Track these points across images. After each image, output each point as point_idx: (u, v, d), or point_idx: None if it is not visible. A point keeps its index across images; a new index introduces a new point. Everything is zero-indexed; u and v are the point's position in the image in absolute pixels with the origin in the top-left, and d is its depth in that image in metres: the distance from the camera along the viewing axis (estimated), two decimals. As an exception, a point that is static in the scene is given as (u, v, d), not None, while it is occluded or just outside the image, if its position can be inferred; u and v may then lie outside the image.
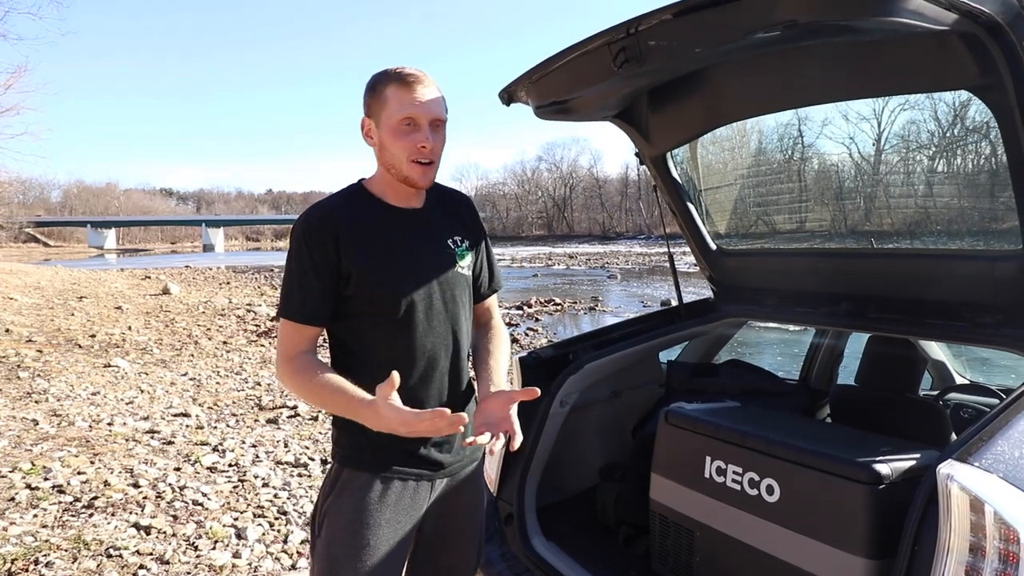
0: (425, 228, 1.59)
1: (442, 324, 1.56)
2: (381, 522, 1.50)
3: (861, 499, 1.53)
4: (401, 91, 1.46)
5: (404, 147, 1.47)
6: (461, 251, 1.62)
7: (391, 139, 1.48)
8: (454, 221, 1.66)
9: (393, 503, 1.52)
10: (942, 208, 2.36)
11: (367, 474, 1.52)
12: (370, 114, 1.53)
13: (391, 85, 1.47)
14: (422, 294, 1.53)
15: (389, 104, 1.47)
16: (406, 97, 1.46)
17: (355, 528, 1.49)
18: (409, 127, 1.47)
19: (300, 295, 1.49)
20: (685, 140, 2.55)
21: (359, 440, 1.52)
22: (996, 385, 3.08)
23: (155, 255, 69.34)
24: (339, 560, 1.49)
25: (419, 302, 1.52)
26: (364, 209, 1.55)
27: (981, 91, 1.70)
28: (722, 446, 1.86)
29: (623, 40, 1.71)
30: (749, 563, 1.76)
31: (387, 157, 1.51)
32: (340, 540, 1.50)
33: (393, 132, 1.48)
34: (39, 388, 7.10)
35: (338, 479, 1.55)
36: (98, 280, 22.84)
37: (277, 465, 4.87)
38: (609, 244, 69.24)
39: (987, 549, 1.19)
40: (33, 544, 3.47)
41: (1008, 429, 1.33)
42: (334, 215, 1.51)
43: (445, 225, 1.63)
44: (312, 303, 1.49)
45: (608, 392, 2.71)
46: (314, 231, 1.48)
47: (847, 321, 2.36)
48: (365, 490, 1.51)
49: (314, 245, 1.47)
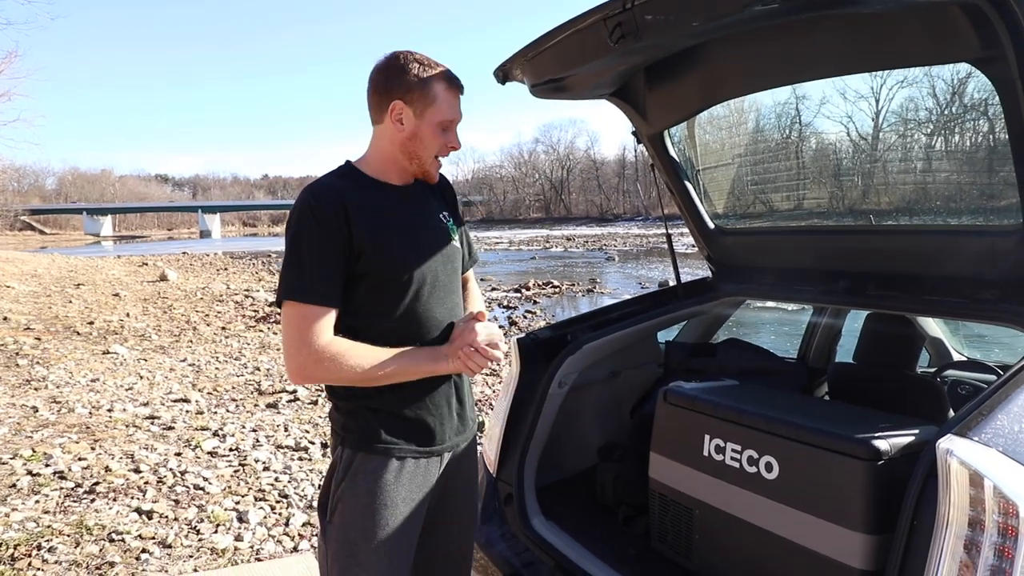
0: (423, 205, 1.65)
1: (447, 295, 1.63)
2: (397, 501, 1.53)
3: (860, 475, 1.53)
4: (450, 94, 1.55)
5: (437, 143, 1.57)
6: (451, 226, 1.69)
7: (431, 134, 1.55)
8: (441, 198, 1.74)
9: (407, 482, 1.55)
10: (941, 184, 2.34)
11: (380, 456, 1.53)
12: (410, 102, 1.52)
13: (442, 84, 1.54)
14: (428, 267, 1.58)
15: (438, 103, 1.53)
16: (454, 101, 1.57)
17: (372, 510, 1.51)
18: (447, 127, 1.57)
19: (320, 276, 1.43)
20: (682, 118, 2.52)
21: (371, 423, 1.54)
22: (993, 361, 3.08)
23: (152, 242, 69.13)
24: (357, 543, 1.50)
25: (428, 275, 1.57)
26: (363, 188, 1.56)
27: (982, 64, 1.68)
28: (721, 424, 1.86)
29: (619, 15, 1.69)
30: (748, 540, 1.76)
31: (414, 146, 1.56)
32: (357, 524, 1.51)
33: (434, 129, 1.55)
34: (38, 375, 7.11)
35: (351, 464, 1.54)
36: (95, 267, 22.78)
37: (277, 449, 4.89)
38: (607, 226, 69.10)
39: (986, 523, 1.19)
40: (36, 530, 3.49)
41: (1007, 404, 1.33)
42: (338, 194, 1.48)
43: (434, 201, 1.70)
44: (335, 284, 1.45)
45: (607, 372, 2.71)
46: (323, 208, 1.44)
47: (846, 298, 2.36)
48: (379, 472, 1.52)
49: (324, 223, 1.43)
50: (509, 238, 47.88)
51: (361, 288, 1.50)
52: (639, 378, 2.85)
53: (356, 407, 1.56)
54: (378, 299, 1.53)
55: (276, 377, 7.21)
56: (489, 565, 2.09)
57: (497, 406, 2.45)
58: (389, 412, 1.54)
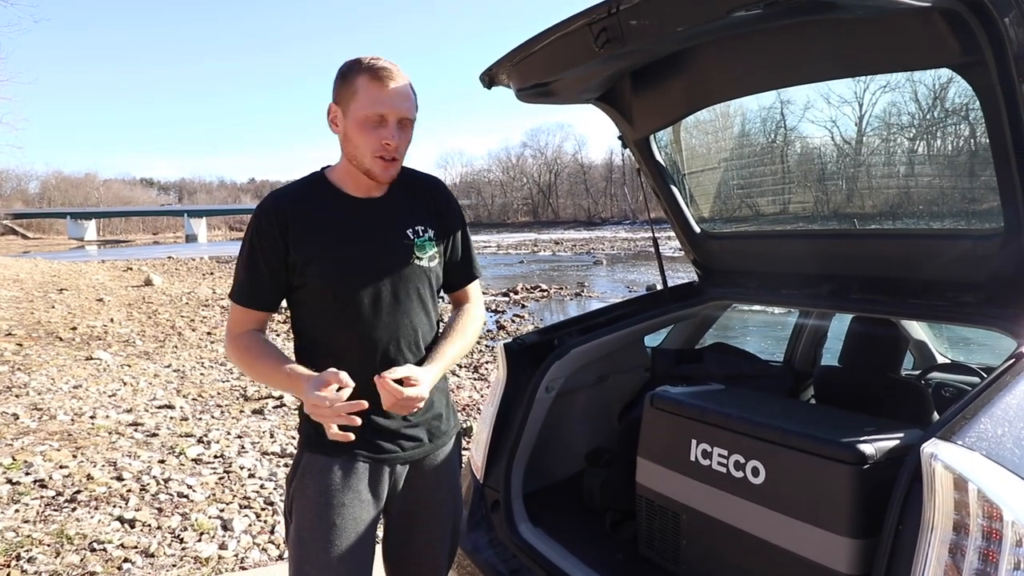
0: (381, 219, 1.57)
1: (393, 317, 1.54)
2: (344, 502, 1.51)
3: (846, 479, 1.53)
4: (372, 85, 1.44)
5: (369, 142, 1.46)
6: (421, 242, 1.58)
7: (357, 132, 1.47)
8: (419, 210, 1.62)
9: (354, 484, 1.53)
10: (924, 188, 2.36)
11: (326, 457, 1.53)
12: (338, 101, 1.50)
13: (362, 76, 1.45)
14: (368, 286, 1.51)
15: (358, 96, 1.45)
16: (376, 92, 1.44)
17: (320, 511, 1.50)
18: (376, 122, 1.46)
19: (248, 280, 1.54)
20: (668, 123, 2.53)
21: (316, 424, 1.51)
22: (977, 364, 3.11)
23: (137, 246, 68.48)
24: (308, 543, 1.49)
25: (365, 294, 1.51)
26: (320, 199, 1.54)
27: (963, 69, 1.69)
28: (707, 429, 1.86)
29: (604, 20, 1.69)
30: (735, 545, 1.76)
31: (350, 148, 1.51)
32: (307, 523, 1.51)
33: (359, 125, 1.46)
34: (19, 382, 7.00)
35: (299, 463, 1.57)
36: (79, 272, 22.52)
37: (263, 456, 4.85)
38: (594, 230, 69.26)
39: (971, 527, 1.19)
40: (15, 539, 3.43)
41: (991, 407, 1.34)
42: (286, 204, 1.52)
43: (406, 215, 1.60)
44: (258, 289, 1.53)
45: (594, 377, 2.71)
46: (263, 221, 1.51)
47: (831, 302, 2.37)
48: (326, 472, 1.52)
49: (263, 234, 1.50)
50: (497, 242, 47.87)
51: (302, 297, 1.55)
52: (627, 382, 2.85)
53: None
54: (317, 311, 1.54)
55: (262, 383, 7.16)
56: (476, 572, 2.08)
57: (484, 411, 2.44)
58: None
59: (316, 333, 1.56)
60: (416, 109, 1.54)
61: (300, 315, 1.58)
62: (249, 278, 1.53)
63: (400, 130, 1.49)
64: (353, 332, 1.52)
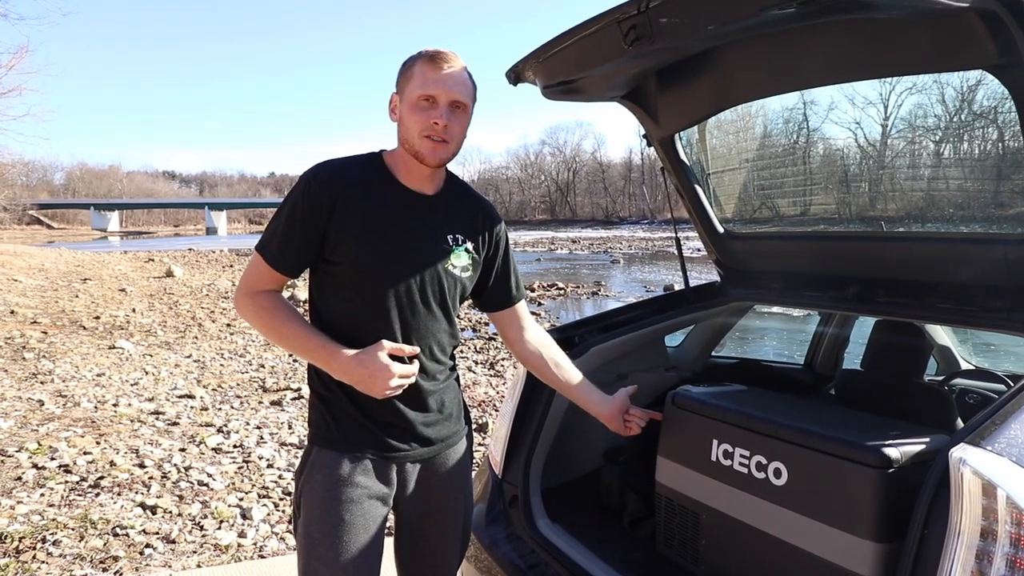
0: (427, 215, 1.57)
1: (416, 315, 1.54)
2: (353, 498, 1.50)
3: (871, 483, 1.52)
4: (427, 68, 1.48)
5: (419, 122, 1.48)
6: (459, 250, 1.59)
7: (408, 113, 1.49)
8: (464, 220, 1.63)
9: (362, 480, 1.52)
10: (952, 192, 2.33)
11: (334, 452, 1.53)
12: (398, 89, 1.54)
13: (420, 61, 1.49)
14: (399, 279, 1.51)
15: (414, 79, 1.49)
16: (430, 74, 1.47)
17: (328, 506, 1.49)
18: (428, 103, 1.48)
19: (281, 242, 1.51)
20: (694, 121, 2.52)
21: (325, 419, 1.55)
22: (1002, 371, 3.06)
23: (158, 238, 69.39)
24: (316, 537, 1.49)
25: (394, 286, 1.51)
26: (373, 181, 1.54)
27: (998, 71, 1.66)
28: (729, 429, 1.85)
29: (634, 17, 1.68)
30: (755, 546, 1.75)
31: (403, 131, 1.52)
32: (316, 518, 1.50)
33: (412, 107, 1.48)
34: (44, 369, 7.13)
35: (308, 458, 1.56)
36: (102, 262, 22.86)
37: (281, 446, 4.90)
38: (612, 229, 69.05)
39: (998, 533, 1.18)
40: (40, 523, 3.50)
41: (1020, 413, 1.32)
42: (340, 179, 1.51)
43: (450, 219, 1.60)
44: (289, 254, 1.51)
45: (614, 375, 2.70)
46: (315, 188, 1.49)
47: (855, 305, 2.34)
48: (333, 467, 1.51)
49: (310, 201, 1.48)
50: (514, 239, 47.75)
51: (332, 278, 1.53)
52: (646, 381, 2.84)
53: (316, 401, 1.57)
54: (343, 296, 1.53)
55: (281, 374, 7.23)
56: (493, 566, 2.09)
57: (503, 408, 2.45)
58: (341, 409, 1.53)
59: (338, 318, 1.53)
60: (473, 97, 1.54)
61: (324, 297, 1.55)
62: (283, 237, 1.50)
63: (451, 113, 1.49)
64: (375, 323, 1.51)
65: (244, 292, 1.55)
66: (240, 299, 1.55)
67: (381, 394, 1.46)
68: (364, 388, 1.46)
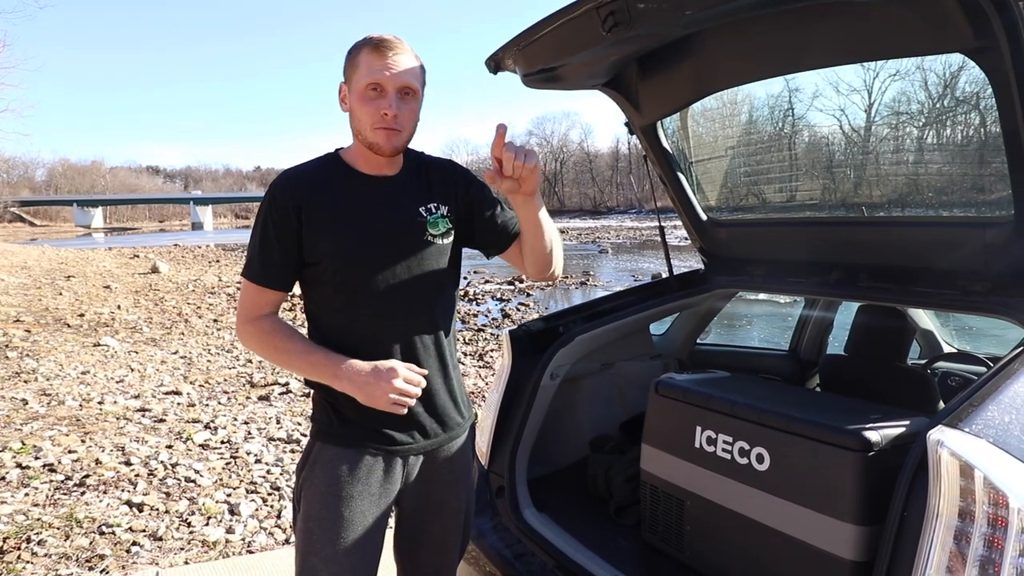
0: (394, 197, 1.56)
1: (408, 295, 1.54)
2: (353, 495, 1.50)
3: (851, 466, 1.53)
4: (372, 57, 1.45)
5: (369, 113, 1.46)
6: (434, 219, 1.58)
7: (358, 104, 1.47)
8: (434, 190, 1.61)
9: (364, 477, 1.52)
10: (933, 177, 2.34)
11: (337, 448, 1.52)
12: (346, 78, 1.51)
13: (365, 49, 1.46)
14: (382, 262, 1.51)
15: (360, 68, 1.46)
16: (376, 63, 1.44)
17: (328, 502, 1.49)
18: (376, 93, 1.46)
19: (261, 259, 1.51)
20: (675, 109, 2.51)
21: (328, 414, 1.54)
22: (983, 353, 3.10)
23: (143, 234, 68.72)
24: (315, 534, 1.48)
25: (379, 270, 1.50)
26: (333, 177, 1.54)
27: (976, 54, 1.67)
28: (712, 416, 1.86)
29: (612, 4, 1.67)
30: (739, 531, 1.77)
31: (355, 123, 1.51)
32: (315, 514, 1.50)
33: (360, 97, 1.46)
34: (28, 368, 7.05)
35: (311, 453, 1.56)
36: (86, 259, 22.62)
37: (269, 441, 4.88)
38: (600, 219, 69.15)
39: (976, 514, 1.19)
40: (25, 523, 3.47)
41: (998, 395, 1.33)
42: (301, 183, 1.51)
43: (420, 193, 1.59)
44: (273, 268, 1.51)
45: (599, 364, 2.71)
46: (278, 199, 1.50)
47: (838, 290, 2.36)
48: (336, 463, 1.51)
49: (277, 212, 1.49)
50: (503, 231, 47.69)
51: (316, 276, 1.53)
52: (631, 370, 2.85)
53: (318, 396, 1.56)
54: (330, 292, 1.52)
55: (268, 369, 7.19)
56: (481, 557, 2.09)
57: (489, 398, 2.45)
58: (345, 404, 1.52)
59: (331, 316, 1.53)
60: (422, 81, 1.51)
61: (313, 298, 1.56)
62: (263, 254, 1.51)
63: (401, 100, 1.47)
64: (368, 309, 1.50)
65: (243, 320, 1.55)
66: (241, 328, 1.55)
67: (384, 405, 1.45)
68: (367, 397, 1.45)
